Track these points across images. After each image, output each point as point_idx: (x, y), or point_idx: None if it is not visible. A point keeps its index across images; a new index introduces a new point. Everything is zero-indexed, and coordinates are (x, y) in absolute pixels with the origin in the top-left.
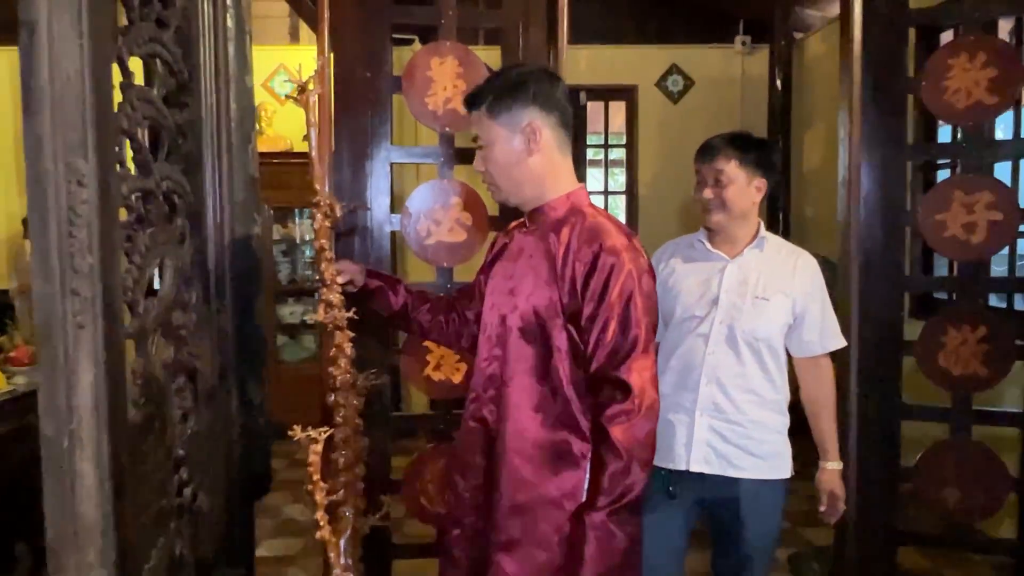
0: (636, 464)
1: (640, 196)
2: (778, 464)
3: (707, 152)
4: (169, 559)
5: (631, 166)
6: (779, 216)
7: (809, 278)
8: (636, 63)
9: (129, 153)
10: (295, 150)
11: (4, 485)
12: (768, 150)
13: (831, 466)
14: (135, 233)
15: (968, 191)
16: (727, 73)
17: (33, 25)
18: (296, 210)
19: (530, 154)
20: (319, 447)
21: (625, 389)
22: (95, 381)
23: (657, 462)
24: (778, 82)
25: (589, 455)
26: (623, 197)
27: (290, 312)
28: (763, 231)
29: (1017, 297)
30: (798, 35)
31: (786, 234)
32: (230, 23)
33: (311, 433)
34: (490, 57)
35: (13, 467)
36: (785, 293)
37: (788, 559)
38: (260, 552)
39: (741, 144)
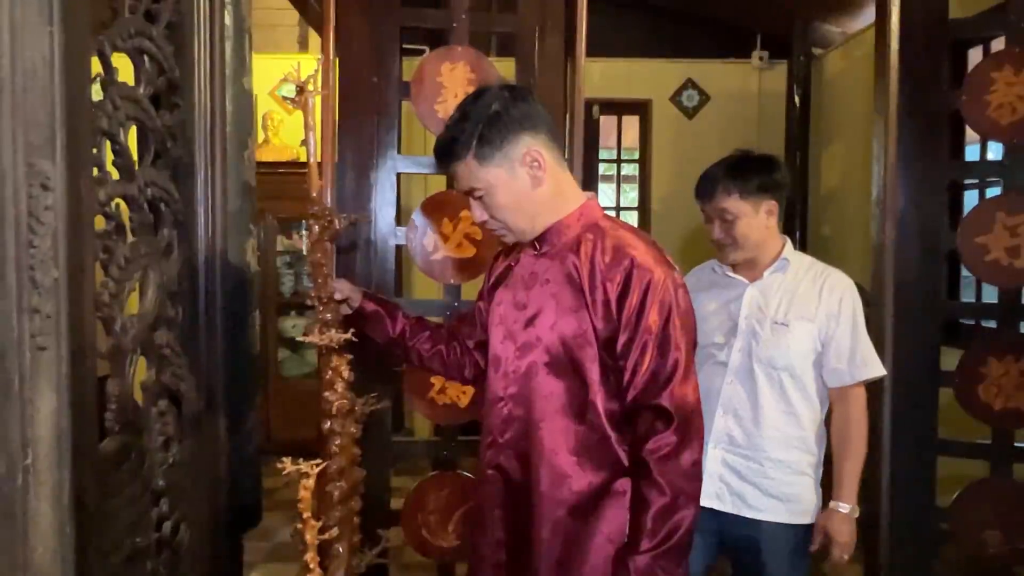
0: (682, 499)
1: (653, 212)
2: (799, 508)
3: (705, 190)
4: None
5: (644, 182)
6: (795, 236)
7: (837, 300)
8: (651, 77)
9: (110, 157)
10: (301, 160)
11: None
12: (770, 168)
13: (839, 507)
14: (113, 243)
15: (1012, 211)
16: (744, 89)
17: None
18: (301, 222)
19: (538, 184)
20: (310, 482)
21: (667, 417)
22: (57, 409)
23: None
24: (796, 98)
25: (629, 490)
26: (635, 213)
27: (292, 325)
28: (788, 251)
29: None
30: (817, 51)
31: (804, 249)
32: (228, 20)
33: (302, 467)
34: (504, 69)
35: None
36: (808, 319)
37: None
38: None
39: (739, 172)
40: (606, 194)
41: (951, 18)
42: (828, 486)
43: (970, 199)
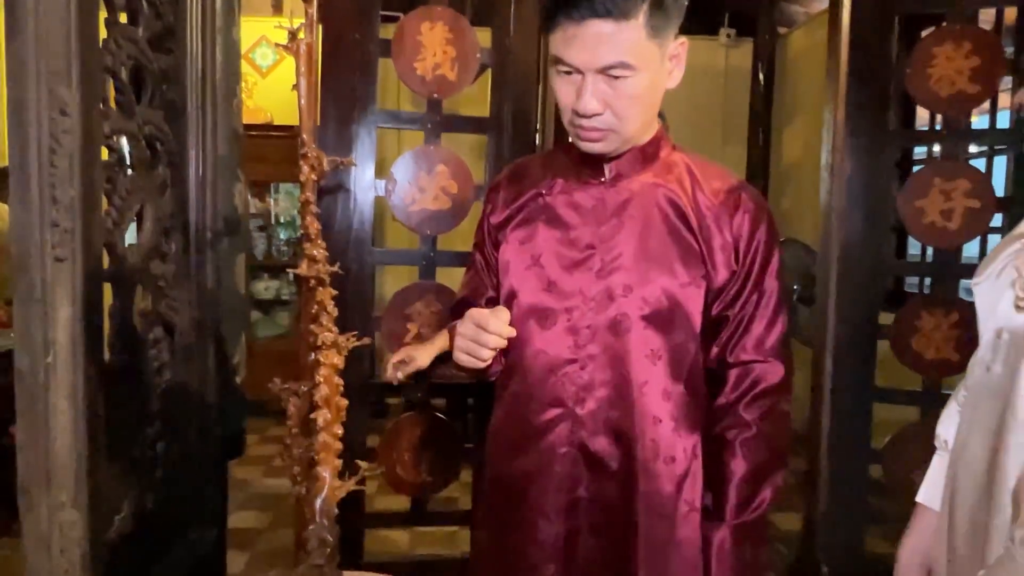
0: (781, 459)
1: None
2: None
3: None
4: (140, 511)
5: None
6: None
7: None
8: None
9: (111, 93)
10: (275, 123)
11: None
12: None
13: None
14: (116, 175)
15: (947, 178)
16: (711, 64)
17: None
18: (272, 185)
19: (671, 83)
20: (299, 400)
21: (778, 374)
22: (72, 317)
23: None
24: (760, 75)
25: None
26: None
27: (265, 288)
28: None
29: None
30: (782, 30)
31: None
32: None
33: (291, 385)
34: (480, 37)
35: None
36: None
37: None
38: (230, 523)
39: None
40: None
41: None
42: None
43: None
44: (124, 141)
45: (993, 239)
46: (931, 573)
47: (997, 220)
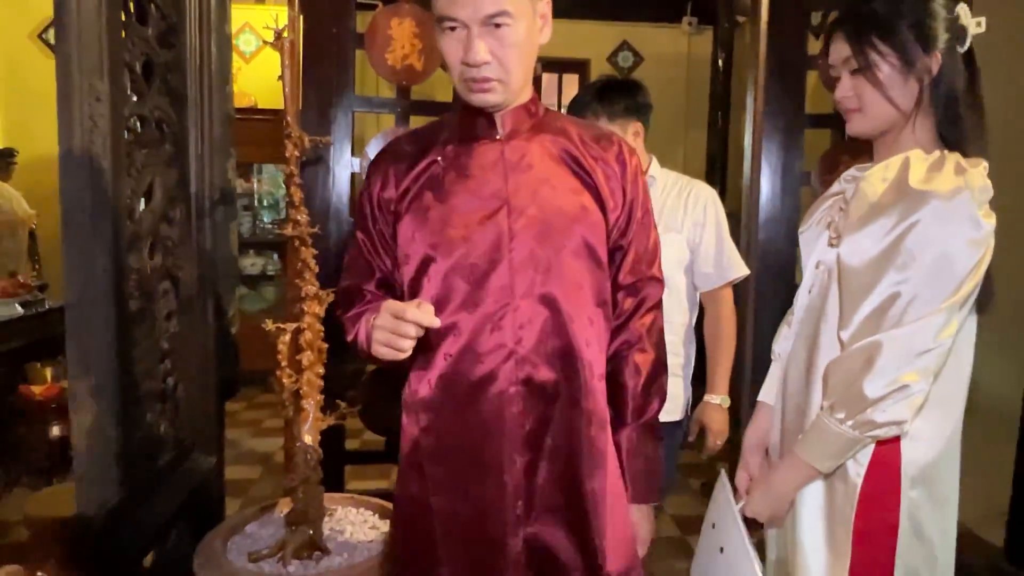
0: (664, 364)
1: None
2: (671, 406)
3: (576, 113)
4: (155, 432)
5: None
6: (717, 183)
7: (702, 209)
8: (589, 38)
9: (127, 83)
10: (258, 106)
11: None
12: (634, 92)
13: (713, 400)
14: (133, 150)
15: (853, 155)
16: (674, 51)
17: None
18: (255, 165)
19: (540, 41)
20: (287, 337)
21: (657, 287)
22: (105, 266)
23: None
24: (720, 62)
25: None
26: None
27: (251, 264)
28: (654, 169)
29: None
30: (740, 19)
31: (723, 197)
32: None
33: (280, 325)
34: None
35: None
36: (676, 230)
37: (700, 487)
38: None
39: (606, 96)
40: None
41: None
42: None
43: None
44: (137, 123)
45: None
46: (767, 451)
47: None
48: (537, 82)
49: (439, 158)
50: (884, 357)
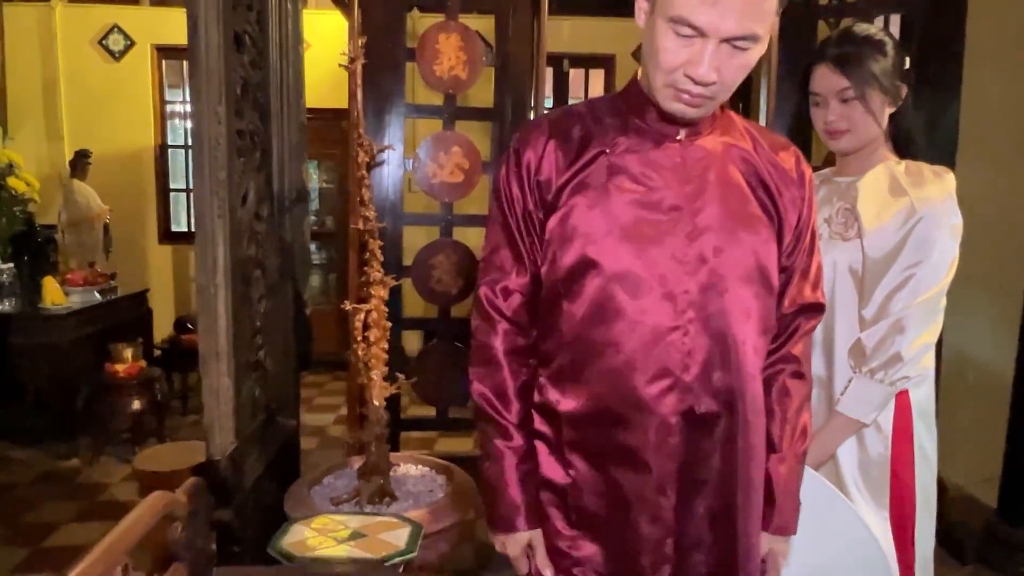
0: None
1: None
2: None
3: None
4: (253, 396)
5: None
6: None
7: None
8: (615, 34)
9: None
10: (318, 106)
11: (66, 385)
12: None
13: None
14: (235, 160)
15: None
16: None
17: (196, 17)
18: (312, 162)
19: None
20: (361, 315)
21: (818, 312)
22: (225, 254)
23: None
24: None
25: None
26: None
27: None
28: None
29: None
30: None
31: None
32: (289, 7)
33: (356, 306)
34: (483, 24)
35: (73, 371)
36: None
37: None
38: None
39: None
40: None
41: (821, 4)
42: None
43: None
44: (236, 136)
45: None
46: None
47: None
48: (564, 77)
49: (606, 149)
50: (911, 326)
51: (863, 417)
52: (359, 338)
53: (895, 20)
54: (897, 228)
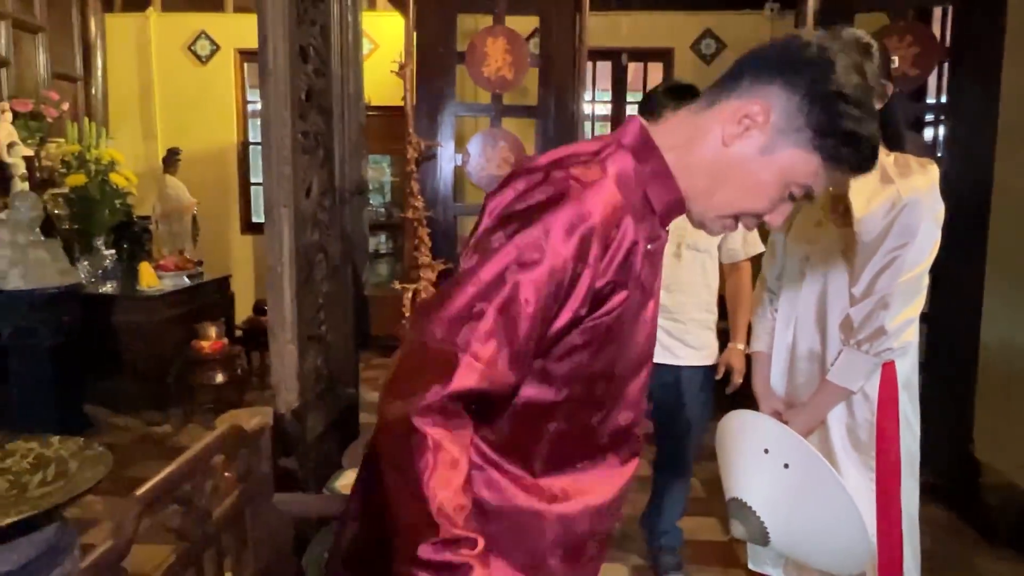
0: None
1: None
2: (708, 354)
3: (650, 105)
4: (315, 365)
5: None
6: None
7: None
8: (673, 27)
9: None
10: (372, 103)
11: (159, 360)
12: (695, 94)
13: (736, 346)
14: (299, 157)
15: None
16: (756, 38)
17: (264, 34)
18: (379, 156)
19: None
20: (410, 293)
21: None
22: (290, 239)
23: None
24: None
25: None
26: None
27: (376, 242)
28: None
29: None
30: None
31: None
32: (350, 19)
33: (405, 286)
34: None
35: (165, 347)
36: None
37: None
38: None
39: (676, 94)
40: None
41: None
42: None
43: None
44: (300, 136)
45: None
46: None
47: None
48: (624, 71)
49: (650, 245)
50: (894, 303)
51: (850, 385)
52: (407, 315)
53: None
54: (884, 214)
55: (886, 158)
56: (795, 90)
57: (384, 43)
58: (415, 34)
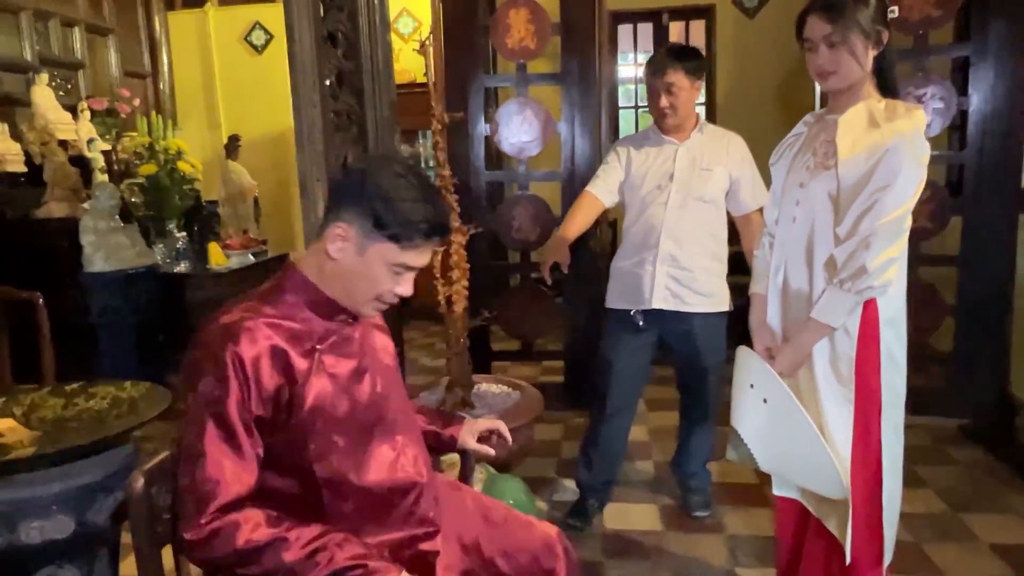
0: None
1: (718, 106)
2: (719, 300)
3: (658, 68)
4: None
5: (710, 79)
6: None
7: (739, 152)
8: None
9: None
10: (418, 81)
11: None
12: (700, 56)
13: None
14: (334, 135)
15: None
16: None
17: (291, 24)
18: (420, 132)
19: None
20: (438, 257)
21: None
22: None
23: (628, 305)
24: None
25: None
26: (703, 108)
27: None
28: (702, 120)
29: None
30: None
31: None
32: (376, 2)
33: (438, 247)
34: None
35: None
36: (723, 165)
37: None
38: None
39: (682, 56)
40: None
41: None
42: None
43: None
44: (333, 116)
45: None
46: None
47: None
48: (665, 31)
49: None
50: (876, 243)
51: (832, 321)
52: (437, 275)
53: None
54: (868, 157)
55: (877, 104)
56: (354, 205)
57: (427, 20)
58: (440, 8)
